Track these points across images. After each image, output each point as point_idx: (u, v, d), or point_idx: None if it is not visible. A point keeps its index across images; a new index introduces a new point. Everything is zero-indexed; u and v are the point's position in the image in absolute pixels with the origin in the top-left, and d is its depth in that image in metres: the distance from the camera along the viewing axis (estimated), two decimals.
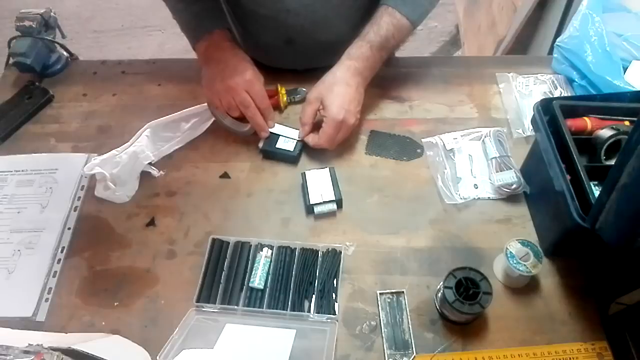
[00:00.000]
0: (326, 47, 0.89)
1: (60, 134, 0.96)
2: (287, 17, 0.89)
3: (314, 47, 0.94)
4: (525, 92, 0.95)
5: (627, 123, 0.72)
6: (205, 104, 0.90)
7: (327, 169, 0.84)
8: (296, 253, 0.76)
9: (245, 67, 0.86)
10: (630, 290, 0.67)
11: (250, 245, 0.77)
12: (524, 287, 0.73)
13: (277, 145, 0.88)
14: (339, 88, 0.82)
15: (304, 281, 0.73)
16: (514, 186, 0.80)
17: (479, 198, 0.82)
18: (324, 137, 0.83)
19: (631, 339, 0.66)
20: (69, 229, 0.82)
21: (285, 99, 0.96)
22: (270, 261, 0.75)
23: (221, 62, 0.86)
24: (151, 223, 0.83)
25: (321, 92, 0.84)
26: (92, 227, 0.83)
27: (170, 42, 2.57)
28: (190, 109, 0.90)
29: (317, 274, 0.74)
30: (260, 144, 0.88)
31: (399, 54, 1.16)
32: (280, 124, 0.91)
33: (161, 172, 0.89)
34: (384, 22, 0.85)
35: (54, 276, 0.77)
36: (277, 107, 0.96)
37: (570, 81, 0.95)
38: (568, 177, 0.66)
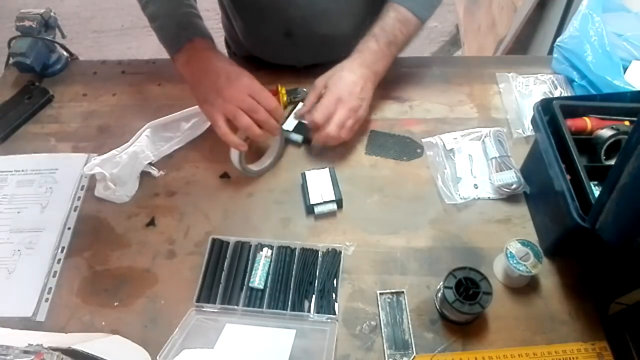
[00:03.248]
0: (326, 41, 0.88)
1: (60, 134, 0.96)
2: (287, 8, 0.89)
3: (314, 41, 0.94)
4: (525, 92, 0.95)
5: (627, 123, 0.72)
6: None
7: (327, 169, 0.84)
8: (296, 253, 0.76)
9: (238, 73, 0.80)
10: (630, 290, 0.67)
11: (250, 245, 0.77)
12: (524, 287, 0.73)
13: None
14: (342, 73, 0.84)
15: (304, 281, 0.73)
16: (514, 186, 0.80)
17: (479, 198, 0.82)
18: (319, 109, 0.82)
19: (631, 339, 0.66)
20: (69, 229, 0.82)
21: (285, 99, 0.96)
22: (270, 261, 0.75)
23: (210, 72, 0.80)
24: (151, 223, 0.83)
25: (326, 76, 0.85)
26: (92, 227, 0.83)
27: None
28: (190, 109, 0.90)
29: (317, 274, 0.74)
30: None
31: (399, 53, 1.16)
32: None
33: (161, 172, 0.89)
34: (389, 17, 0.86)
35: (54, 276, 0.77)
36: None
37: (570, 81, 0.95)
38: (568, 177, 0.65)
